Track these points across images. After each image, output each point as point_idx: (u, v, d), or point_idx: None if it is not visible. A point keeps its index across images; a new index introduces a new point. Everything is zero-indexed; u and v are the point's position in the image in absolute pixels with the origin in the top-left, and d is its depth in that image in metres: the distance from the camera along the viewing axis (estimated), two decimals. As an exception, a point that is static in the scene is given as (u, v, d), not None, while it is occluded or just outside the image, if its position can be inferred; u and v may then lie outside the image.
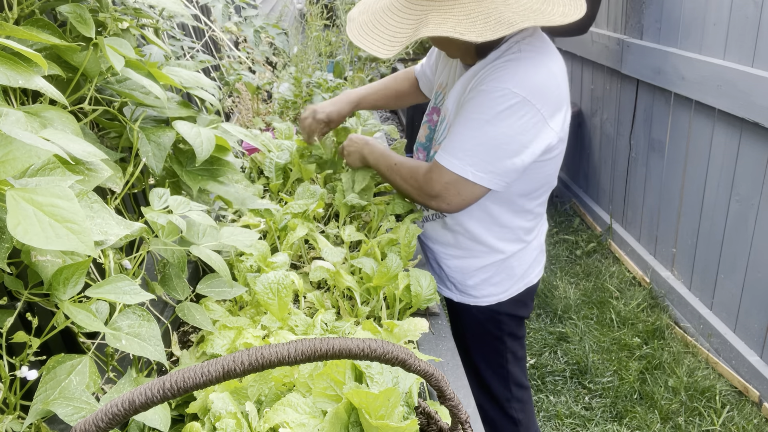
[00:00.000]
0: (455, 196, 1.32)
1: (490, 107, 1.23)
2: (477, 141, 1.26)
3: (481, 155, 1.26)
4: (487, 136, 1.24)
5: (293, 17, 4.90)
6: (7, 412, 0.71)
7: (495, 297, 1.54)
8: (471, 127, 1.26)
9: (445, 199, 1.34)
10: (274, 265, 1.21)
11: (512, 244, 1.49)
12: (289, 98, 2.43)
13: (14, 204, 0.55)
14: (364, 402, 0.71)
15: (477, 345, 1.63)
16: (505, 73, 1.23)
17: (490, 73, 1.26)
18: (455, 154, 1.29)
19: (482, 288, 1.54)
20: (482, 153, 1.26)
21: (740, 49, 2.33)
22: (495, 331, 1.59)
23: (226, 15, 1.80)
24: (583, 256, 3.63)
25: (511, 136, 1.24)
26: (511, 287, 1.54)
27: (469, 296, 1.57)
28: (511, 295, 1.55)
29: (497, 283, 1.53)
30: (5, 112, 0.67)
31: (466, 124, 1.27)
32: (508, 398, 1.65)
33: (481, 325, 1.60)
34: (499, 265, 1.50)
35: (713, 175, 2.59)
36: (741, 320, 2.49)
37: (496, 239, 1.47)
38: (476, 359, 1.64)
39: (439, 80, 1.59)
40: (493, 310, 1.56)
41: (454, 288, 1.59)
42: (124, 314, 0.78)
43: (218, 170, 1.08)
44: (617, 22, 3.38)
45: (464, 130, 1.27)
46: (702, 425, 2.32)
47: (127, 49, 0.89)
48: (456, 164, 1.28)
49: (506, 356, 1.62)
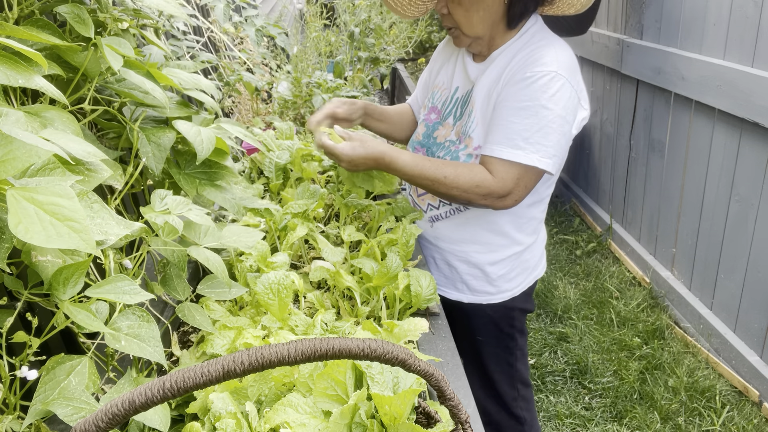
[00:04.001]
0: (523, 189, 1.31)
1: (541, 92, 1.25)
2: (536, 128, 1.26)
3: (542, 141, 1.26)
4: (545, 121, 1.26)
5: (293, 17, 4.90)
6: (6, 412, 0.71)
7: (510, 292, 1.54)
8: (525, 115, 1.26)
9: (515, 195, 1.31)
10: (274, 265, 1.21)
11: (529, 236, 1.50)
12: (288, 98, 2.43)
13: (15, 203, 0.55)
14: (386, 403, 0.73)
15: (488, 345, 1.62)
16: (545, 57, 1.28)
17: (528, 60, 1.29)
18: (518, 145, 1.27)
19: (499, 284, 1.53)
20: (542, 139, 1.26)
21: (740, 49, 2.33)
22: (507, 328, 1.59)
23: (227, 15, 1.79)
24: (583, 256, 3.63)
25: (562, 117, 1.27)
26: (524, 281, 1.55)
27: (484, 294, 1.55)
28: (523, 288, 1.55)
29: (513, 278, 1.53)
30: (5, 112, 0.67)
31: (518, 113, 1.27)
32: (514, 397, 1.65)
33: (494, 324, 1.59)
34: (516, 258, 1.50)
35: (713, 175, 2.59)
36: (741, 320, 2.49)
37: (516, 230, 1.47)
38: (486, 360, 1.63)
39: (436, 81, 1.59)
40: (507, 306, 1.55)
41: (466, 288, 1.56)
42: (123, 315, 0.78)
43: (216, 173, 1.08)
44: (617, 22, 3.38)
45: (519, 119, 1.27)
46: (702, 425, 2.32)
47: (127, 49, 0.89)
48: (521, 155, 1.26)
49: (515, 353, 1.62)
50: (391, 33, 3.49)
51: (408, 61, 5.88)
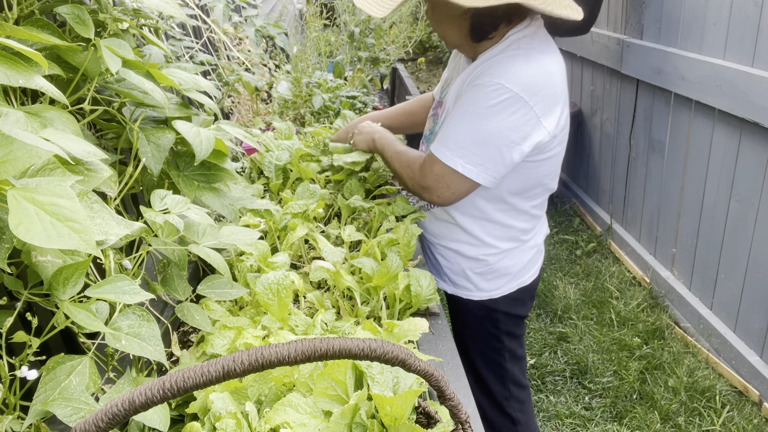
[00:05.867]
0: (445, 188, 1.35)
1: (483, 101, 1.25)
2: (468, 134, 1.28)
3: (470, 148, 1.28)
4: (478, 130, 1.26)
5: (293, 17, 4.90)
6: (6, 413, 0.71)
7: (488, 293, 1.55)
8: (464, 120, 1.29)
9: (435, 191, 1.36)
10: (274, 265, 1.21)
11: (505, 242, 1.49)
12: (288, 98, 2.43)
13: (15, 203, 0.55)
14: (387, 404, 0.73)
15: (474, 342, 1.64)
16: (500, 68, 1.26)
17: (487, 68, 1.28)
18: (447, 145, 1.31)
19: (475, 281, 1.54)
20: (472, 146, 1.28)
21: (740, 49, 2.33)
22: (492, 329, 1.59)
23: (227, 15, 1.79)
24: (583, 256, 3.63)
25: (501, 131, 1.25)
26: (504, 285, 1.55)
27: (462, 289, 1.57)
28: (505, 293, 1.55)
29: (491, 279, 1.53)
30: (5, 112, 0.67)
31: (460, 117, 1.30)
32: (506, 397, 1.65)
33: (479, 322, 1.60)
34: (491, 260, 1.51)
35: (713, 175, 2.59)
36: (741, 320, 2.49)
37: (486, 234, 1.48)
38: (473, 356, 1.64)
39: (445, 76, 1.61)
40: (489, 307, 1.56)
41: (448, 280, 1.60)
42: (124, 314, 0.78)
43: (215, 175, 1.08)
44: (617, 22, 3.38)
45: (457, 122, 1.30)
46: (702, 425, 2.32)
47: (126, 50, 0.89)
48: (447, 155, 1.31)
49: (504, 355, 1.62)
50: (391, 33, 3.49)
51: (408, 61, 5.89)
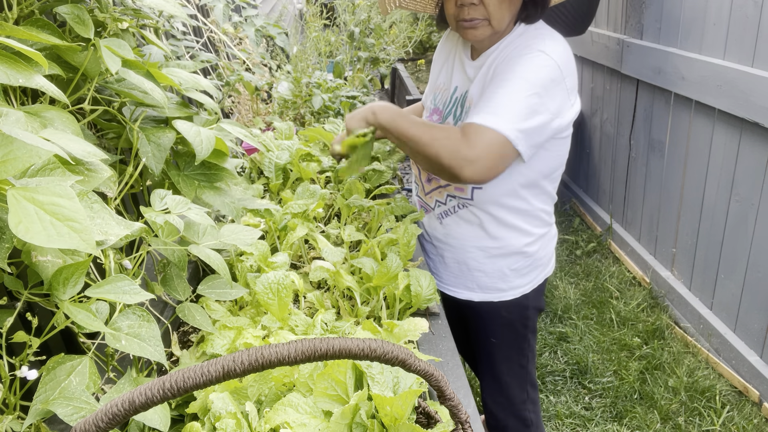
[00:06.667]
0: (498, 159, 1.24)
1: (526, 64, 1.25)
2: (512, 97, 1.23)
3: (516, 111, 1.23)
4: (522, 93, 1.23)
5: (293, 17, 4.90)
6: (6, 412, 0.71)
7: (521, 289, 1.53)
8: (506, 85, 1.25)
9: (484, 164, 1.23)
10: (274, 265, 1.21)
11: (539, 227, 1.49)
12: (288, 98, 2.43)
13: (15, 203, 0.55)
14: (387, 404, 0.73)
15: (503, 348, 1.61)
16: (536, 41, 1.28)
17: (520, 48, 1.29)
18: (494, 111, 1.23)
19: (511, 279, 1.51)
20: (517, 109, 1.23)
21: (740, 49, 2.33)
22: (522, 329, 1.58)
23: (227, 15, 1.79)
24: (583, 256, 3.63)
25: (542, 96, 1.24)
26: (535, 277, 1.54)
27: (495, 291, 1.53)
28: (535, 285, 1.54)
29: (526, 274, 1.52)
30: (5, 112, 0.67)
31: (501, 84, 1.25)
32: (523, 400, 1.64)
33: (509, 326, 1.57)
34: (530, 251, 1.49)
35: (713, 175, 2.59)
36: (741, 320, 2.49)
37: (524, 222, 1.46)
38: (499, 364, 1.61)
39: (437, 83, 1.59)
40: (521, 304, 1.54)
41: (476, 287, 1.54)
42: (124, 314, 0.78)
43: (215, 174, 1.08)
44: (617, 22, 3.38)
45: (499, 89, 1.25)
46: (702, 425, 2.32)
47: (126, 50, 0.89)
48: (496, 121, 1.21)
49: (528, 355, 1.61)
50: (391, 33, 3.49)
51: (408, 61, 5.89)
